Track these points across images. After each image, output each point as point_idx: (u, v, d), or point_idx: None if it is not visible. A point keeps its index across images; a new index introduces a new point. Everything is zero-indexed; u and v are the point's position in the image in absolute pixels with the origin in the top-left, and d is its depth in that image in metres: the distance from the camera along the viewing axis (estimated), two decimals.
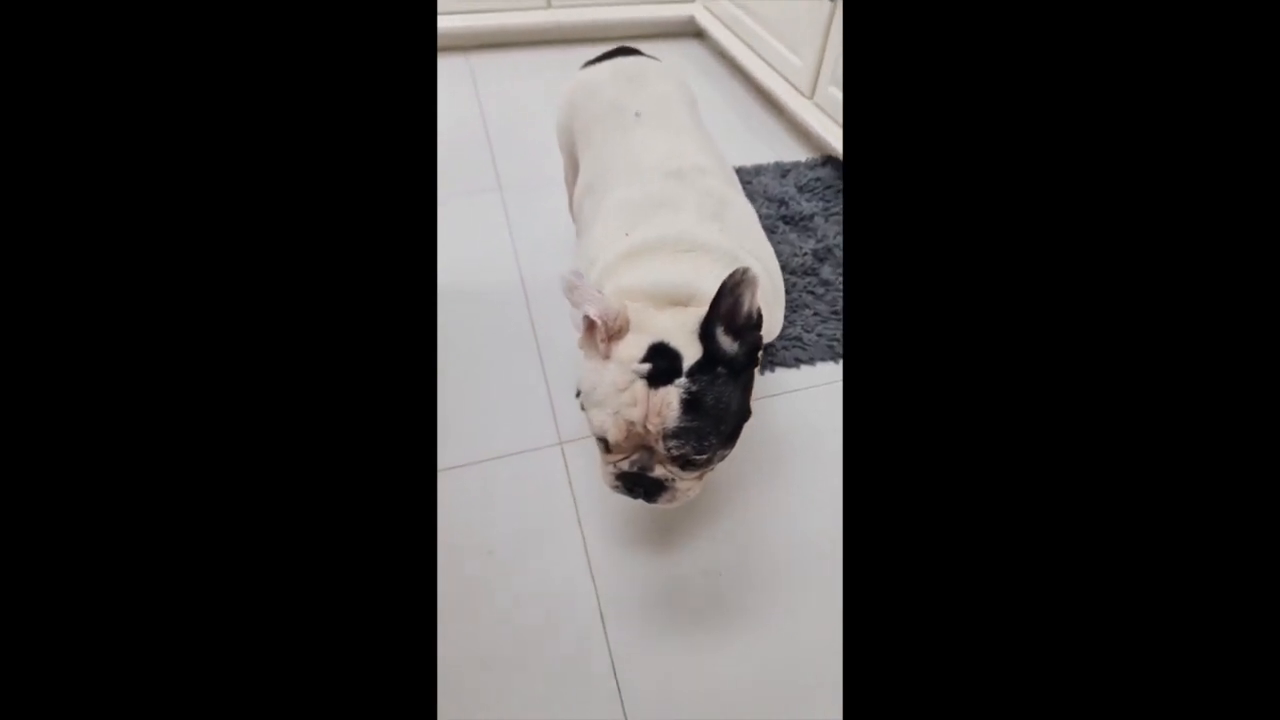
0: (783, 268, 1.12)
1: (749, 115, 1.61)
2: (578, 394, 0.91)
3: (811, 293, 1.08)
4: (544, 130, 1.10)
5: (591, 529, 0.78)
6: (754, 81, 1.65)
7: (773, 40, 1.53)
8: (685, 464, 0.59)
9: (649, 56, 0.94)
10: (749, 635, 0.71)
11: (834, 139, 1.32)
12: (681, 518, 0.80)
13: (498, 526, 0.78)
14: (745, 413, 0.61)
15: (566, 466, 0.84)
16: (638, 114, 0.81)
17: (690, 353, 0.57)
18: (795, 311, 1.05)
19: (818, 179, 1.33)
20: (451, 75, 1.71)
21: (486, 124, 1.51)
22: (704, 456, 0.58)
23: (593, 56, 0.96)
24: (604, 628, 0.70)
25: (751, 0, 1.60)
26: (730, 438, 0.60)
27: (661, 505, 0.63)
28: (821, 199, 1.28)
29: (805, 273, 1.11)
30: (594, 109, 0.85)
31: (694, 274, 0.63)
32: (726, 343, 0.57)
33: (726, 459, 0.75)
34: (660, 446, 0.57)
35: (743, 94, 1.70)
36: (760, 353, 0.63)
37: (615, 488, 0.63)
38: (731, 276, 0.53)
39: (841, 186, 1.31)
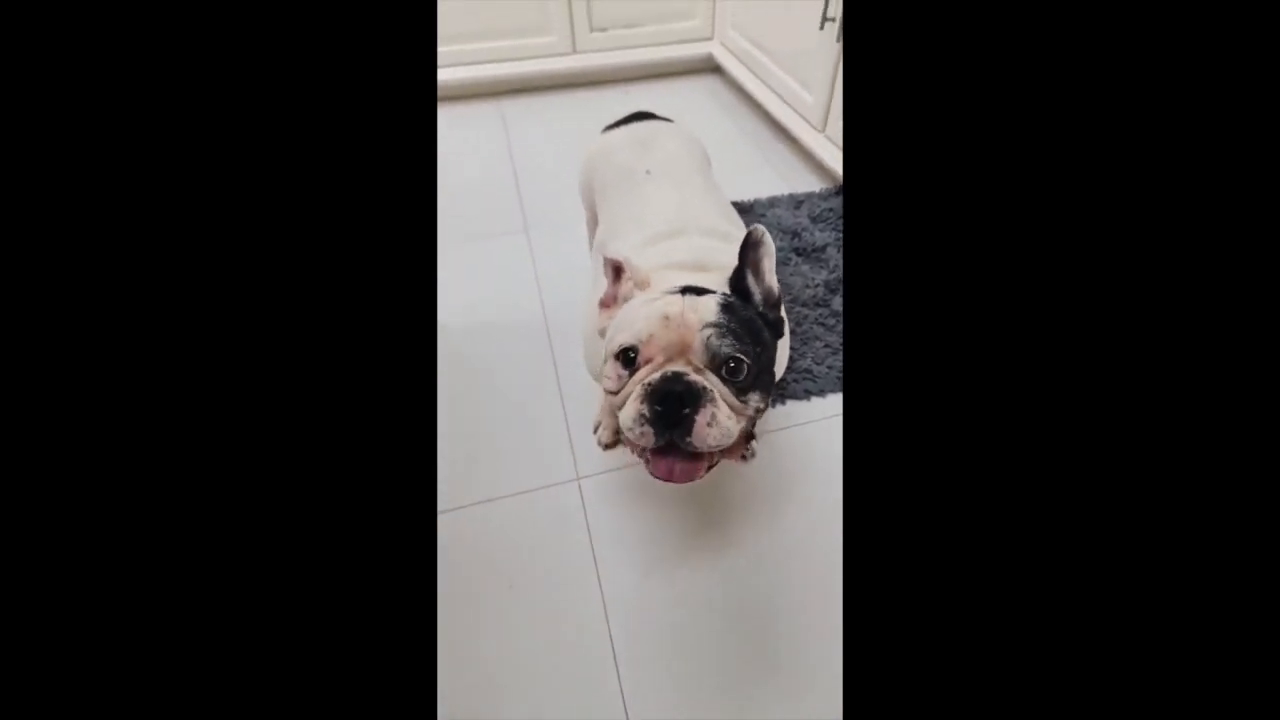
0: (794, 300, 1.15)
1: (764, 146, 1.66)
2: (595, 428, 0.96)
3: (822, 324, 1.10)
4: (569, 171, 1.17)
5: (605, 561, 0.83)
6: (768, 115, 1.70)
7: (785, 77, 1.57)
8: (724, 366, 0.55)
9: (663, 119, 1.00)
10: (759, 669, 0.73)
11: None
12: (693, 547, 0.83)
13: (517, 561, 0.83)
14: (773, 369, 0.63)
15: (583, 502, 0.89)
16: (648, 172, 0.87)
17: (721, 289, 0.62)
18: (806, 344, 1.08)
19: (830, 209, 1.35)
20: (483, 121, 1.81)
21: (515, 167, 1.60)
22: (744, 360, 0.55)
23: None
24: (615, 659, 0.74)
25: (765, 38, 1.65)
26: (764, 371, 0.59)
27: (697, 440, 0.53)
28: (835, 229, 1.31)
29: (816, 304, 1.14)
30: (610, 172, 0.92)
31: (706, 251, 0.70)
32: (756, 294, 0.62)
33: (749, 452, 0.77)
34: (697, 339, 0.54)
35: (758, 126, 1.74)
36: (779, 335, 0.66)
37: (640, 420, 0.54)
38: (752, 233, 0.59)
39: None
